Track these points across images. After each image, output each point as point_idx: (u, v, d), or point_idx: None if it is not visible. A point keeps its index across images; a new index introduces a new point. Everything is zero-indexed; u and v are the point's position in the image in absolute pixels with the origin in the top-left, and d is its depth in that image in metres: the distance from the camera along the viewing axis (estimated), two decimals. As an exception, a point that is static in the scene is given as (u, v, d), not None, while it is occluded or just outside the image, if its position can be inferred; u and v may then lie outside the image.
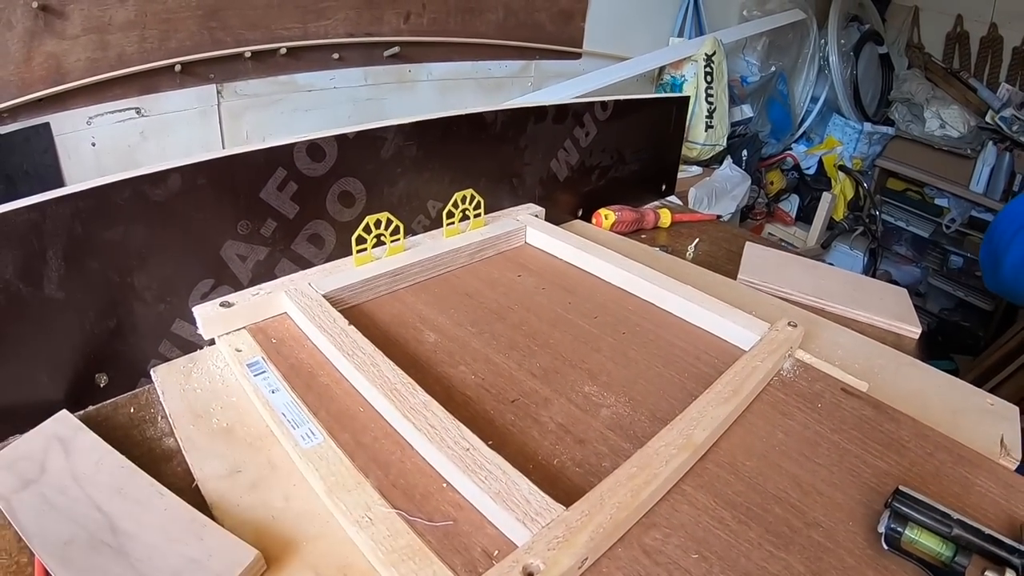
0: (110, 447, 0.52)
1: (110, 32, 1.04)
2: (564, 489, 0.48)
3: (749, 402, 0.57)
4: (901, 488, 0.46)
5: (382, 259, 0.67)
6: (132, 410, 0.58)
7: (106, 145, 1.10)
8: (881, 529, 0.44)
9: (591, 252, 0.75)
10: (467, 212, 0.74)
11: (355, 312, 0.63)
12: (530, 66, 1.60)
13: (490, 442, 0.48)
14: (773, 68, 1.87)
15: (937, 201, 2.10)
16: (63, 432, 0.53)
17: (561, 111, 0.83)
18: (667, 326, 0.69)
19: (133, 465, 0.50)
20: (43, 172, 1.03)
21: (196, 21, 1.12)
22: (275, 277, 0.64)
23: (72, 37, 1.01)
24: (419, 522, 0.44)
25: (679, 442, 0.50)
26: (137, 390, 0.60)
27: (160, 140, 1.15)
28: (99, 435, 0.53)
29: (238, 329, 0.61)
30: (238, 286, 0.62)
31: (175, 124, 1.16)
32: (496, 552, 0.43)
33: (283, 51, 1.24)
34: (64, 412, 0.55)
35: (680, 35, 1.74)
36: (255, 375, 0.55)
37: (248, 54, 1.19)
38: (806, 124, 2.01)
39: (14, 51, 0.98)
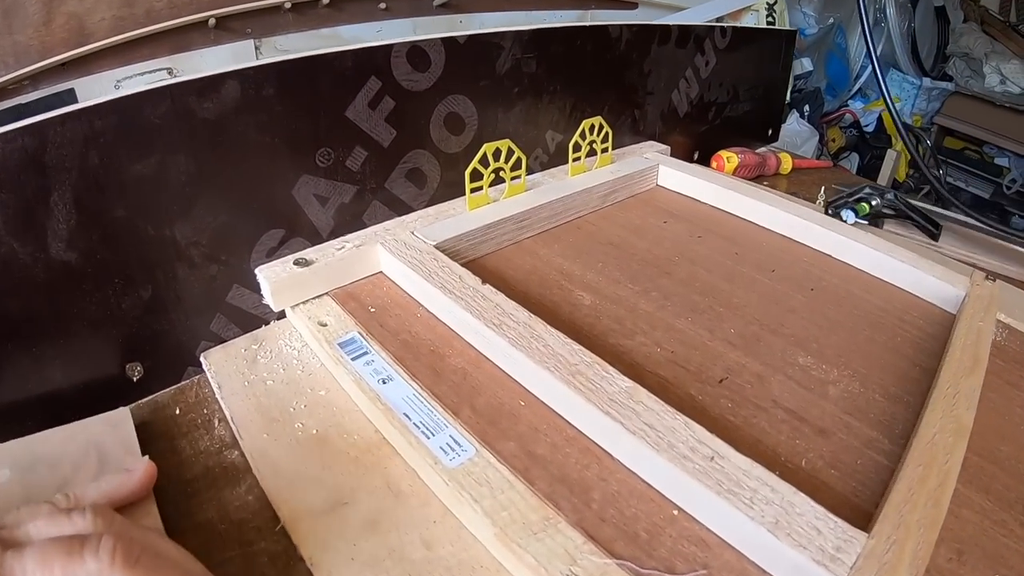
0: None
1: None
2: (830, 502, 0.30)
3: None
4: None
5: (500, 201, 0.47)
6: (177, 411, 0.39)
7: None
8: None
9: (746, 195, 0.55)
10: (594, 146, 0.53)
11: (476, 268, 0.43)
12: (586, 15, 1.38)
13: (718, 444, 0.29)
14: (831, 20, 1.64)
15: (997, 161, 1.88)
16: (111, 446, 0.34)
17: (684, 33, 0.63)
18: (853, 280, 0.50)
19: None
20: None
21: (230, -29, 0.92)
22: (364, 226, 0.45)
23: None
24: (655, 575, 0.25)
25: (951, 426, 0.34)
26: (183, 383, 0.41)
27: (195, 100, 0.96)
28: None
29: (319, 295, 0.41)
30: (316, 238, 0.43)
31: (211, 83, 0.96)
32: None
33: (325, 1, 1.03)
34: (124, 412, 0.37)
35: (737, -14, 1.51)
36: (353, 358, 0.35)
37: (288, 5, 0.99)
38: (862, 79, 1.78)
39: (33, 13, 0.80)
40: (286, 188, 0.41)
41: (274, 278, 0.39)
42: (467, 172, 0.44)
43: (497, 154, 0.45)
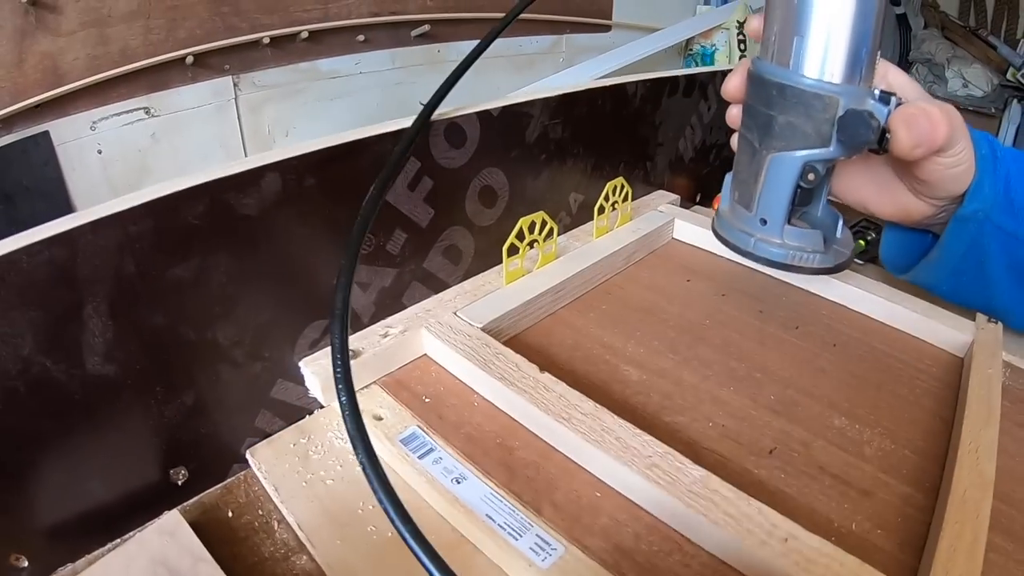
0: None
1: (111, 25, 0.85)
2: (881, 563, 0.33)
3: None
4: None
5: (534, 272, 0.49)
6: (230, 513, 0.40)
7: (114, 152, 0.90)
8: None
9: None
10: (616, 205, 0.56)
11: (520, 345, 0.45)
12: (561, 41, 1.42)
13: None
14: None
15: (961, 163, 2.00)
16: (176, 559, 0.34)
17: (690, 82, 0.66)
18: (871, 332, 0.54)
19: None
20: (45, 187, 0.84)
21: (207, 7, 0.92)
22: (403, 307, 0.46)
23: (68, 33, 0.82)
24: None
25: (977, 481, 0.38)
26: (229, 480, 0.41)
27: (173, 141, 0.95)
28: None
29: (367, 385, 0.42)
30: (357, 324, 0.44)
31: (189, 122, 0.96)
32: None
33: (304, 35, 1.04)
34: (175, 517, 0.37)
35: (707, 2, 1.58)
36: (420, 456, 0.37)
37: (266, 40, 0.99)
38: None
39: (3, 54, 0.79)
40: (328, 278, 0.42)
41: (323, 373, 0.40)
42: (504, 248, 0.46)
43: (532, 227, 0.47)
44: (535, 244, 0.48)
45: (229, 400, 0.40)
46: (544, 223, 0.48)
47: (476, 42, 0.46)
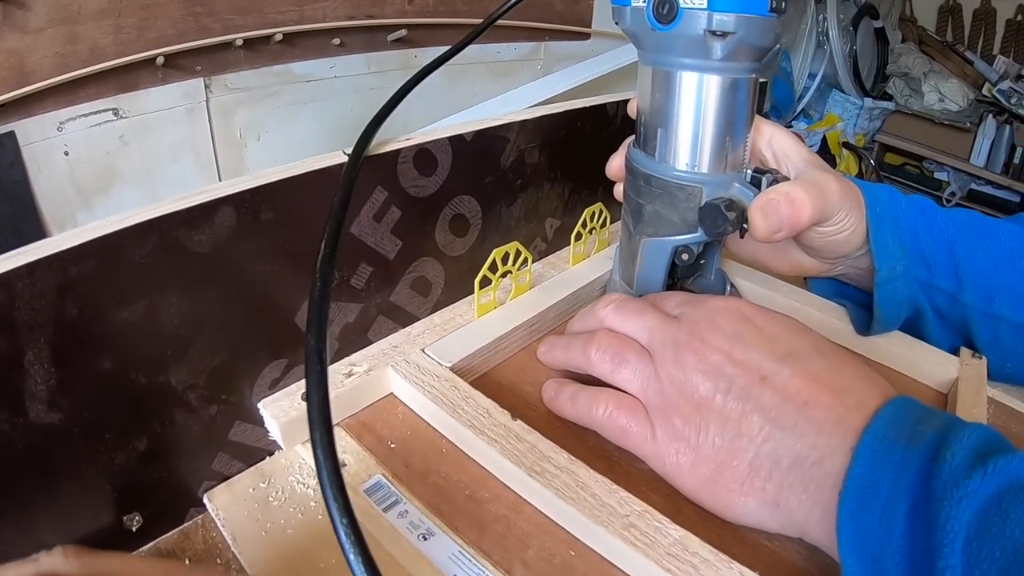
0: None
1: (80, 22, 0.82)
2: None
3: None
4: None
5: (507, 303, 0.48)
6: (187, 561, 0.37)
7: (81, 154, 0.88)
8: None
9: (737, 276, 0.58)
10: (593, 232, 0.55)
11: (492, 384, 0.43)
12: (540, 48, 1.41)
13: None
14: (776, 45, 1.74)
15: (936, 175, 2.04)
16: None
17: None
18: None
19: None
20: (10, 189, 0.82)
21: (179, 6, 0.89)
22: (368, 342, 0.44)
23: (36, 30, 0.79)
24: None
25: None
26: (186, 525, 0.39)
27: (143, 144, 0.93)
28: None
29: (330, 427, 0.40)
30: (321, 363, 0.42)
31: (159, 125, 0.94)
32: None
33: (278, 37, 1.01)
34: None
35: (689, 12, 1.57)
36: (384, 509, 0.35)
37: (239, 42, 0.96)
38: (804, 101, 1.89)
39: None
40: (289, 316, 0.40)
41: (283, 417, 0.38)
42: (477, 281, 0.44)
43: (506, 258, 0.45)
44: (508, 275, 0.47)
45: (185, 444, 0.38)
46: (518, 253, 0.46)
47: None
